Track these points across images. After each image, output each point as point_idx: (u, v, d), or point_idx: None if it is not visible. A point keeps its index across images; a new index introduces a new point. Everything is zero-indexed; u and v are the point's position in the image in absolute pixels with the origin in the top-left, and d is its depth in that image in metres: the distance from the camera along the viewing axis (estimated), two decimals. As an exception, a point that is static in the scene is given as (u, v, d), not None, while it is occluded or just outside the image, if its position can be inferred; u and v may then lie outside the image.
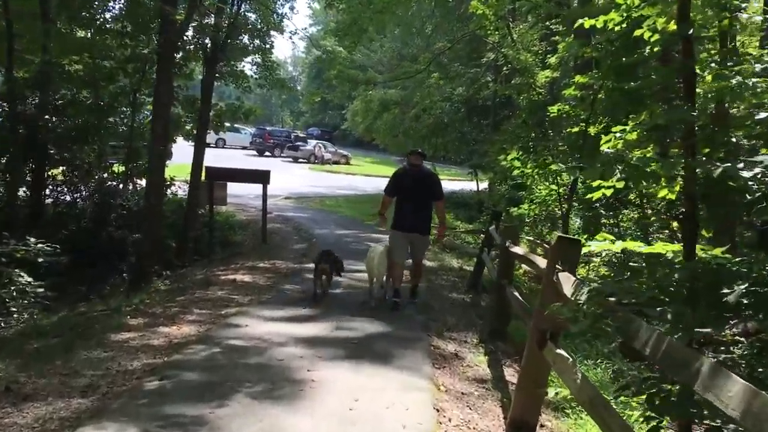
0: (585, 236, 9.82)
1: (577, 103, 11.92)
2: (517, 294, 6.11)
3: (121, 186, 14.19)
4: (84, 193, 12.66)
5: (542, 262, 4.50)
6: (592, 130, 10.65)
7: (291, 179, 29.65)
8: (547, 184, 12.86)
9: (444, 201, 8.24)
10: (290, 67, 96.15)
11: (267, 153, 43.67)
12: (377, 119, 23.88)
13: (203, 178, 13.13)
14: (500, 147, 12.94)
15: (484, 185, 24.65)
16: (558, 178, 11.89)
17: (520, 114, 15.47)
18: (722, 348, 3.25)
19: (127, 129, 14.69)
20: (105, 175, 14.14)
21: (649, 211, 9.90)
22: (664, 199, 4.85)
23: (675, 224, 8.44)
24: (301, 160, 42.19)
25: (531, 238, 14.66)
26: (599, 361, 5.99)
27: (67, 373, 4.77)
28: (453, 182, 28.35)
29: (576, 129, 11.08)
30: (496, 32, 16.67)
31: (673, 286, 3.17)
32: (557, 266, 3.91)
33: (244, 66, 17.16)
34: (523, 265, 11.49)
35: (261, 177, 13.29)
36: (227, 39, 13.91)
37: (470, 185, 26.55)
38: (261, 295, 8.03)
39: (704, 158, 3.54)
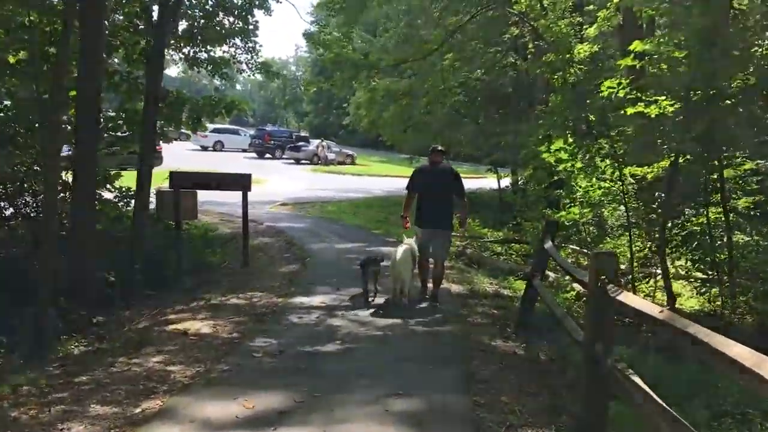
0: None
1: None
2: (638, 380, 3.41)
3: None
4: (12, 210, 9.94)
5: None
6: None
7: (289, 182, 27.01)
8: (601, 182, 10.10)
9: (465, 197, 8.37)
10: (293, 67, 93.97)
11: (267, 155, 41.06)
12: (383, 112, 21.04)
13: (167, 185, 10.44)
14: (544, 134, 10.13)
15: (505, 182, 21.86)
16: (621, 173, 9.14)
17: (555, 97, 12.70)
18: None
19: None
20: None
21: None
22: None
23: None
24: (303, 161, 39.50)
25: (574, 247, 11.94)
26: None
27: None
28: (469, 180, 25.55)
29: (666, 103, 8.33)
30: (523, 0, 13.88)
31: None
32: None
33: (225, 52, 14.39)
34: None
35: (240, 183, 10.60)
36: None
37: (489, 183, 23.77)
38: (215, 364, 5.29)
39: None
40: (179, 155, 32.78)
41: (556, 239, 9.62)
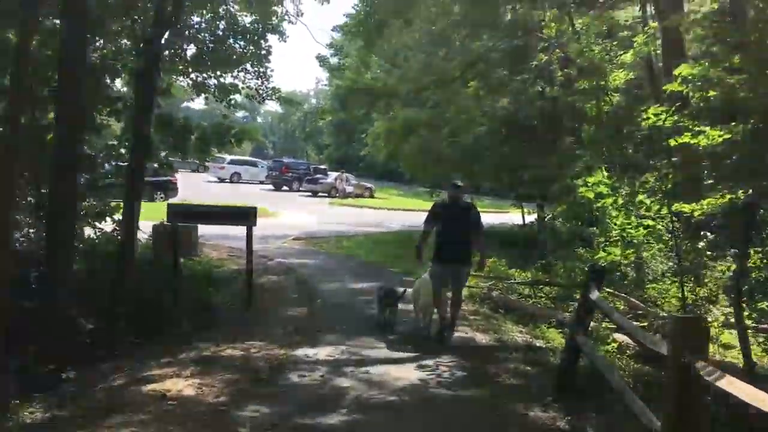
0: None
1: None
2: None
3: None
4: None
5: None
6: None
7: (305, 216, 26.16)
8: (642, 220, 9.06)
9: (483, 234, 8.35)
10: (313, 100, 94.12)
11: (285, 187, 40.37)
12: (403, 143, 20.10)
13: (165, 219, 9.57)
14: (584, 167, 9.14)
15: (529, 218, 20.73)
16: (670, 210, 8.10)
17: (588, 128, 11.73)
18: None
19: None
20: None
21: None
22: None
23: None
24: (321, 193, 38.68)
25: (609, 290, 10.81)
26: None
27: None
28: (492, 215, 24.50)
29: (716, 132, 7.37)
30: (553, 24, 12.99)
31: None
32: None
33: (235, 78, 13.62)
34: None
35: (243, 216, 9.69)
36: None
37: (512, 218, 22.67)
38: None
39: None
40: (196, 186, 32.25)
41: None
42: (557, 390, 5.96)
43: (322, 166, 48.46)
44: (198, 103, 54.46)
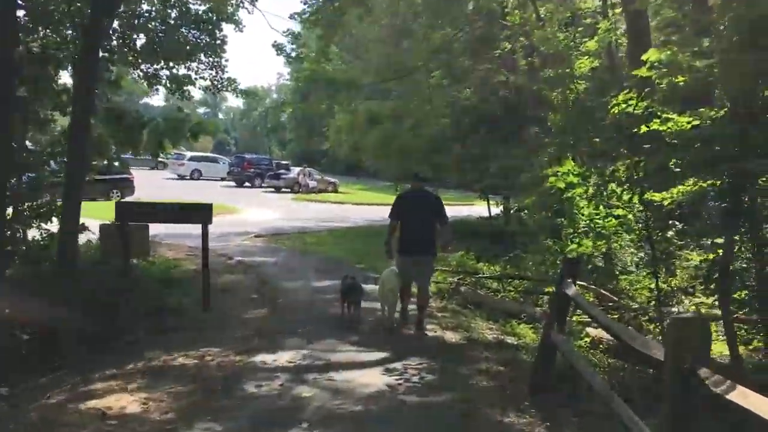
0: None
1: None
2: None
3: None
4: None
5: None
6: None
7: (267, 212, 25.55)
8: (613, 209, 8.81)
9: (448, 223, 8.31)
10: (275, 95, 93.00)
11: (247, 183, 39.68)
12: (365, 136, 19.62)
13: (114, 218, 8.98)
14: (553, 156, 8.84)
15: (495, 210, 20.46)
16: (642, 199, 7.82)
17: (555, 116, 11.45)
18: None
19: None
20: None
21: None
22: None
23: None
24: (284, 189, 38.04)
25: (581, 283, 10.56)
26: None
27: None
28: (457, 208, 24.20)
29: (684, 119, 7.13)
30: (516, 12, 12.67)
31: None
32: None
33: (189, 69, 12.99)
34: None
35: (197, 213, 9.18)
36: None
37: (478, 210, 22.40)
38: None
39: None
40: (154, 184, 31.37)
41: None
42: (533, 392, 5.62)
43: (285, 162, 47.75)
44: (158, 100, 53.13)
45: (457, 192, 29.43)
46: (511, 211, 17.02)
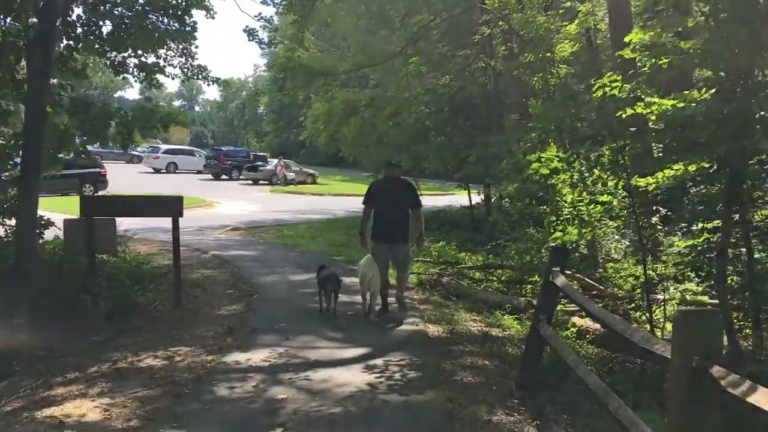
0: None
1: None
2: None
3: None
4: None
5: None
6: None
7: (244, 204, 25.16)
8: (598, 195, 8.61)
9: (421, 210, 8.26)
10: (252, 87, 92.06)
11: (224, 176, 39.12)
12: (343, 125, 19.21)
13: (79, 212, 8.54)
14: (536, 141, 8.57)
15: (476, 199, 20.19)
16: (629, 185, 7.59)
17: (536, 101, 11.18)
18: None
19: None
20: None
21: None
22: None
23: None
24: (261, 181, 37.54)
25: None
26: None
27: None
28: (436, 198, 23.93)
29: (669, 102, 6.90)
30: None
31: None
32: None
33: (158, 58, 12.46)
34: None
35: (167, 206, 8.78)
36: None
37: (458, 199, 22.14)
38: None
39: None
40: (128, 178, 30.70)
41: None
42: (521, 388, 5.35)
43: (263, 154, 47.16)
44: (133, 93, 52.18)
45: (437, 182, 29.19)
46: (493, 200, 16.75)
